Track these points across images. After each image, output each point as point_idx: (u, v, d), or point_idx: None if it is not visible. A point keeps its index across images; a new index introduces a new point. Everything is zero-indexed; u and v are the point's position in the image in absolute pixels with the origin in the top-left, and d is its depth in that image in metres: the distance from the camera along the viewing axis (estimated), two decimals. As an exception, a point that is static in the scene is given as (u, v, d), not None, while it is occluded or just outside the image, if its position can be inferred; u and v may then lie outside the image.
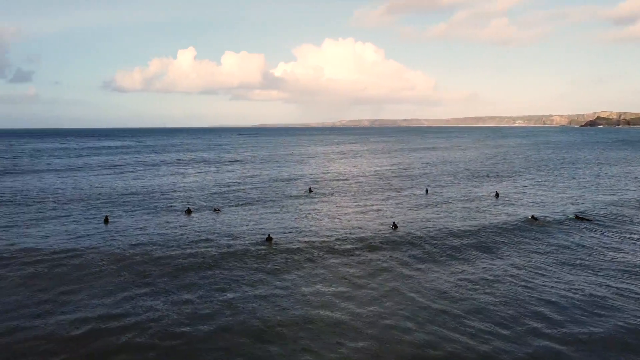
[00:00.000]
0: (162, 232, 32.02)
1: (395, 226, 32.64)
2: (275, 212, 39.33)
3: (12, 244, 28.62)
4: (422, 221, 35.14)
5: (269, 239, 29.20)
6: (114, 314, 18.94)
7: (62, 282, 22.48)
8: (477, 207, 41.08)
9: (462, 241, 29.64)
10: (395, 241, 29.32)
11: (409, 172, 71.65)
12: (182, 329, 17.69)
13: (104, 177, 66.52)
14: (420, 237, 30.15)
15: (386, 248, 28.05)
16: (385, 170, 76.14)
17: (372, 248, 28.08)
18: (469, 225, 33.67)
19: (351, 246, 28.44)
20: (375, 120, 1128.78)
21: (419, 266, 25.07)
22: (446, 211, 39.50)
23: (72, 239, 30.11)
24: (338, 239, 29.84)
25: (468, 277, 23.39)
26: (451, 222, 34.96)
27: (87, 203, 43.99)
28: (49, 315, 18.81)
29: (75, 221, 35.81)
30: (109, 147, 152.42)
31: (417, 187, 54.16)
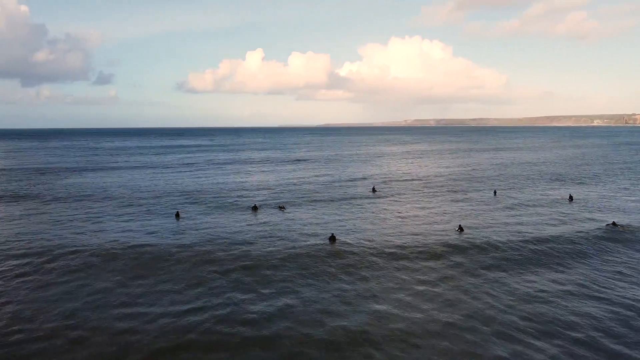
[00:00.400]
0: (231, 227, 33.21)
1: (461, 229, 31.85)
2: (339, 212, 39.58)
3: (97, 237, 30.90)
4: (490, 225, 34.03)
5: (333, 238, 29.43)
6: (192, 304, 19.91)
7: (141, 273, 23.93)
8: (549, 211, 39.17)
9: (534, 246, 28.40)
10: (462, 245, 28.59)
11: (477, 174, 69.51)
12: (257, 320, 18.40)
13: (176, 175, 69.92)
14: (487, 242, 29.21)
15: (452, 252, 27.41)
16: (452, 171, 74.32)
17: (437, 251, 27.56)
18: (540, 230, 32.19)
19: (416, 248, 28.06)
20: (441, 120, 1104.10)
21: (487, 272, 24.33)
22: (516, 214, 37.99)
23: (147, 233, 31.96)
24: (403, 241, 29.56)
25: (540, 284, 22.40)
26: (520, 225, 33.59)
27: (160, 199, 46.44)
28: (132, 305, 20.09)
29: (150, 216, 37.95)
30: (182, 146, 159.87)
31: (484, 189, 52.47)
